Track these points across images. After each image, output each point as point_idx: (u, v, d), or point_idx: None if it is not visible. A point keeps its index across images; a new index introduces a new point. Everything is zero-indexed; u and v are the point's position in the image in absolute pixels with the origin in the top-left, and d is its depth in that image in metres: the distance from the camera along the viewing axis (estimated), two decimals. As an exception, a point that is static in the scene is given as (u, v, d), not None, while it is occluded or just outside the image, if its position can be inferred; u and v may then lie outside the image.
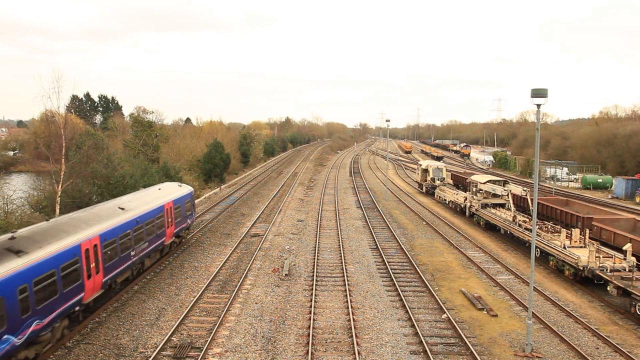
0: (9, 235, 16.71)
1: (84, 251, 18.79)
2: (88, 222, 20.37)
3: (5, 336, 14.25)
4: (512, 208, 36.85)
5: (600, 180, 69.03)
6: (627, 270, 23.54)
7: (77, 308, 18.52)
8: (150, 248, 25.63)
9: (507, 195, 38.01)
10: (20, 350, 15.26)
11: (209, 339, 18.25)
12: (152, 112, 79.93)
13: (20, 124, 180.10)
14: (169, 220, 28.18)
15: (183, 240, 32.78)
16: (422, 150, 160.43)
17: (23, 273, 15.03)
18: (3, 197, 30.38)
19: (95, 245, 19.75)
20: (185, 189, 32.56)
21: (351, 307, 21.93)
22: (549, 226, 31.38)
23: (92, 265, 19.39)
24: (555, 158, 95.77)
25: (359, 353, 17.64)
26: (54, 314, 16.58)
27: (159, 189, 30.34)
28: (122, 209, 23.59)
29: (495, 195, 40.09)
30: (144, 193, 28.41)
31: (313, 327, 19.68)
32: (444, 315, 21.38)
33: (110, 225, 21.41)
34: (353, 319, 20.53)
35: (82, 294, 18.59)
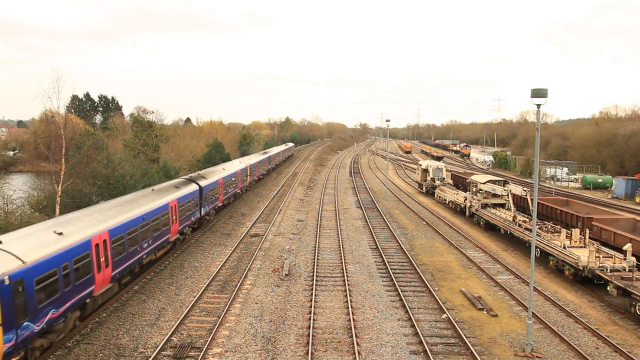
0: None
1: None
2: None
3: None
4: (512, 208, 36.83)
5: (600, 180, 69.02)
6: (627, 270, 23.54)
7: None
8: None
9: (507, 195, 38.00)
10: None
11: (209, 339, 18.25)
12: (152, 112, 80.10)
13: (20, 124, 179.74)
14: None
15: None
16: (422, 150, 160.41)
17: None
18: (3, 197, 30.39)
19: None
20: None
21: (351, 307, 21.92)
22: (549, 226, 31.37)
23: None
24: (555, 158, 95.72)
25: (359, 353, 17.64)
26: None
27: None
28: None
29: (495, 195, 40.08)
30: None
31: (313, 327, 19.68)
32: (444, 315, 21.38)
33: None
34: (353, 319, 20.52)
35: None
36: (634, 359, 17.71)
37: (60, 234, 18.07)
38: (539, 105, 17.29)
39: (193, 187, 34.04)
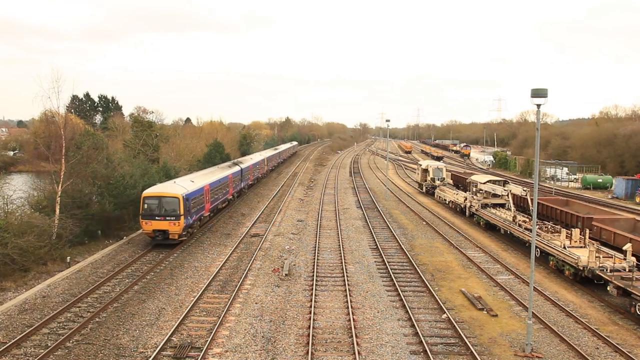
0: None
1: None
2: None
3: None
4: (512, 208, 36.82)
5: (600, 180, 69.02)
6: (627, 270, 23.54)
7: None
8: None
9: (507, 195, 38.00)
10: None
11: (209, 339, 18.27)
12: (152, 112, 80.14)
13: (20, 124, 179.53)
14: None
15: None
16: (422, 150, 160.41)
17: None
18: (3, 197, 30.33)
19: None
20: None
21: (351, 307, 21.93)
22: (549, 226, 31.37)
23: None
24: (555, 158, 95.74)
25: (359, 353, 17.64)
26: None
27: None
28: None
29: (495, 195, 40.08)
30: None
31: (313, 327, 19.69)
32: (444, 315, 21.38)
33: None
34: (353, 319, 20.53)
35: None
36: (634, 359, 17.71)
37: (192, 181, 35.56)
38: (539, 105, 17.29)
39: (237, 168, 50.77)
